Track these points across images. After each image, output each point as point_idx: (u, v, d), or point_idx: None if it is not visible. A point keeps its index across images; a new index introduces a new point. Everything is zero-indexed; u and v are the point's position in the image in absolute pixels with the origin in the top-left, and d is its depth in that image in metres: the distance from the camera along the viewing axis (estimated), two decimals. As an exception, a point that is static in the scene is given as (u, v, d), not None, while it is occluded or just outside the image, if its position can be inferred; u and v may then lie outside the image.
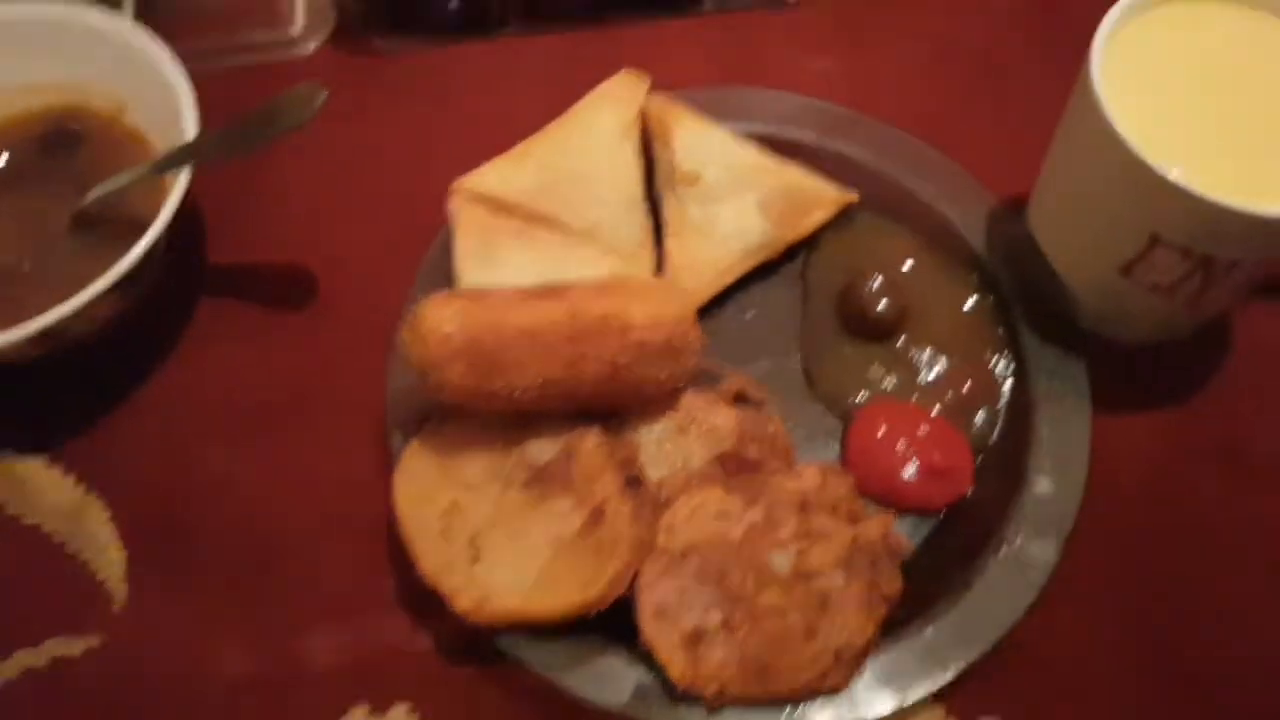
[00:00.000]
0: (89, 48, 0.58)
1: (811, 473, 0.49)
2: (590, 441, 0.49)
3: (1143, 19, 0.50)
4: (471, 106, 0.65)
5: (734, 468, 0.50)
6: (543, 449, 0.49)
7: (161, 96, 0.56)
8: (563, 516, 0.48)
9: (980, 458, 0.52)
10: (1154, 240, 0.48)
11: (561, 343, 0.47)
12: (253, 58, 0.66)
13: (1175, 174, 0.45)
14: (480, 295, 0.48)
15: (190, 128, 0.54)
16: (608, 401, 0.50)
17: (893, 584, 0.48)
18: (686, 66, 0.66)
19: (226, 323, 0.59)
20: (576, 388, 0.48)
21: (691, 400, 0.52)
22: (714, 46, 0.68)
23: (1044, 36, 0.68)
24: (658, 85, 0.60)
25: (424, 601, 0.47)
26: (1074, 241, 0.54)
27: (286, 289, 0.60)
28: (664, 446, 0.51)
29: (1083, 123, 0.49)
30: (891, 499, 0.51)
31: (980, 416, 0.53)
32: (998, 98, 0.66)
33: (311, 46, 0.67)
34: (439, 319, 0.46)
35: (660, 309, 0.49)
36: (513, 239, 0.54)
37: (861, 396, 0.54)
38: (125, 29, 0.58)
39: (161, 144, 0.57)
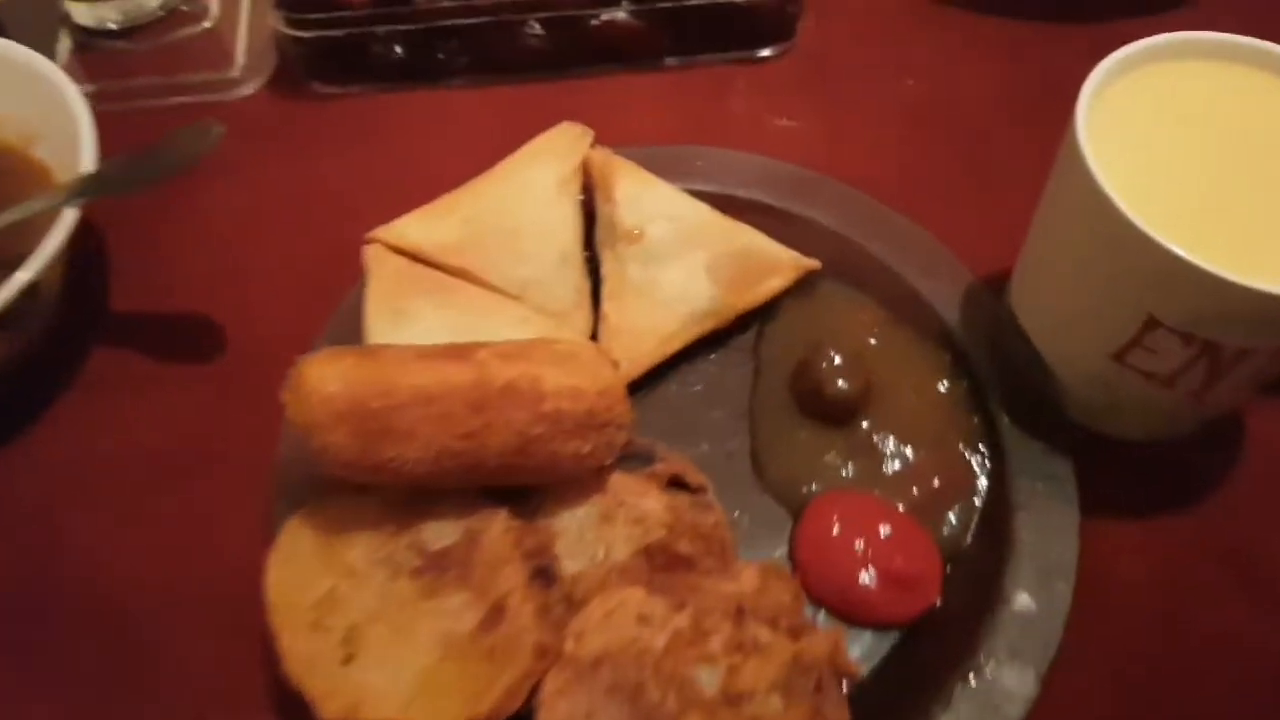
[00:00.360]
0: (3, 80, 0.56)
1: (751, 574, 0.44)
2: (496, 526, 0.44)
3: (1129, 77, 0.47)
4: (411, 156, 0.63)
5: (662, 564, 0.45)
6: (440, 532, 0.44)
7: (67, 131, 0.53)
8: (456, 612, 0.43)
9: (950, 566, 0.48)
10: (1150, 322, 0.44)
11: (463, 409, 0.42)
12: (190, 98, 0.65)
13: (1172, 244, 0.41)
14: (375, 352, 0.44)
15: (88, 164, 0.51)
16: (519, 479, 0.45)
17: (840, 712, 0.42)
18: (645, 123, 0.64)
19: (120, 375, 0.55)
20: (479, 461, 0.43)
21: (619, 482, 0.47)
22: (675, 102, 0.66)
23: (1028, 102, 0.66)
24: (613, 142, 0.57)
25: (298, 703, 0.41)
26: (1061, 322, 0.50)
27: (192, 340, 0.56)
28: (584, 535, 0.46)
29: (1069, 188, 0.46)
30: (844, 609, 0.46)
31: (951, 517, 0.49)
32: (977, 165, 0.64)
33: (250, 89, 0.66)
34: (321, 377, 0.41)
35: (583, 376, 0.44)
36: (429, 295, 0.50)
37: (815, 487, 0.49)
38: (37, 61, 0.55)
39: (65, 179, 0.53)
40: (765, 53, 0.67)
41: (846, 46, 0.69)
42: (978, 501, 0.49)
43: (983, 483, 0.49)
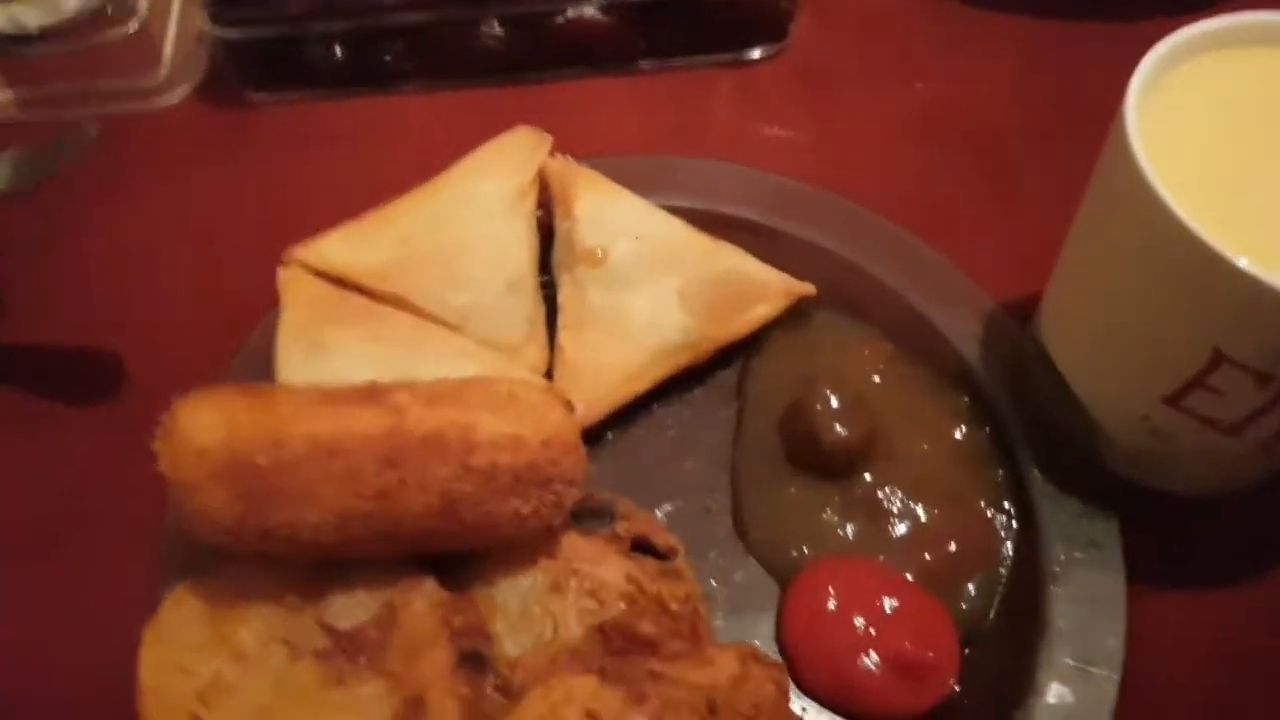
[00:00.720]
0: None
1: (727, 660, 0.39)
2: (420, 600, 0.39)
3: (1183, 68, 0.42)
4: (354, 170, 0.58)
5: (620, 645, 0.40)
6: (351, 606, 0.39)
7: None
8: (367, 706, 0.37)
9: (969, 648, 0.43)
10: (1216, 358, 0.39)
11: (373, 465, 0.36)
12: (111, 108, 0.60)
13: (1247, 262, 0.36)
14: (269, 394, 0.38)
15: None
16: (448, 544, 0.39)
17: (834, 837, 0.35)
18: (617, 132, 0.60)
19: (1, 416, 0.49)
20: (396, 526, 0.37)
21: (573, 546, 0.42)
22: (651, 110, 0.61)
23: (1051, 105, 0.62)
24: (580, 154, 0.52)
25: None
26: (1101, 357, 0.46)
27: (84, 376, 0.51)
28: (528, 609, 0.40)
29: (1115, 198, 0.41)
30: (840, 701, 0.42)
31: (970, 589, 0.44)
32: (996, 176, 0.60)
33: (177, 96, 0.61)
34: (196, 425, 0.36)
35: (525, 422, 0.38)
36: (353, 326, 0.45)
37: (808, 551, 0.45)
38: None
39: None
40: (754, 54, 0.63)
41: (846, 46, 0.65)
42: (1002, 571, 0.45)
43: (1008, 548, 0.45)
